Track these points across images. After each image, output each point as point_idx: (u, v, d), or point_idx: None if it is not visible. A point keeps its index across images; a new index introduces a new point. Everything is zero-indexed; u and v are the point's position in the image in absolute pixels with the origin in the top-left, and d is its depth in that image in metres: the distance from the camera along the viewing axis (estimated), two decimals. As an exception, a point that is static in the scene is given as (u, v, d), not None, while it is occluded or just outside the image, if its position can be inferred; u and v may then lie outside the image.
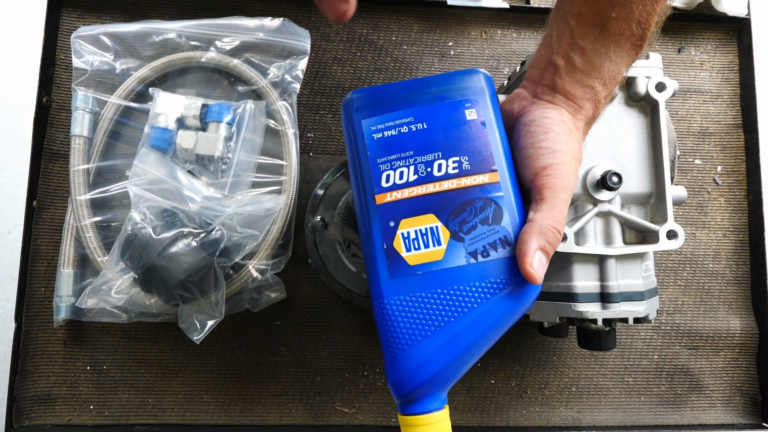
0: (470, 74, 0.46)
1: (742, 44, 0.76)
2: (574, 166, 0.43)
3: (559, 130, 0.43)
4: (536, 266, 0.40)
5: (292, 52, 0.70)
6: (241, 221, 0.61)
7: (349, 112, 0.46)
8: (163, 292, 0.58)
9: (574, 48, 0.44)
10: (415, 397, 0.42)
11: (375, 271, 0.42)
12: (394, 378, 0.41)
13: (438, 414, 0.42)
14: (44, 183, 0.69)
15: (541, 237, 0.40)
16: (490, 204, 0.42)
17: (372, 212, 0.43)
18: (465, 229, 0.42)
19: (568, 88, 0.44)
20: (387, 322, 0.42)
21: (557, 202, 0.41)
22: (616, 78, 0.44)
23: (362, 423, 0.68)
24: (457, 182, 0.43)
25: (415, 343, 0.41)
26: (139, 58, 0.69)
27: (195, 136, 0.65)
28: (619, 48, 0.43)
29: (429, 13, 0.75)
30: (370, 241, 0.43)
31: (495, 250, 0.41)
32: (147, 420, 0.67)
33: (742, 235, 0.73)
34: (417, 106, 0.45)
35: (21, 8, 1.07)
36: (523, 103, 0.46)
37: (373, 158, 0.44)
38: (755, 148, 0.74)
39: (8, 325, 0.99)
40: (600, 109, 0.46)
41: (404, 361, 0.41)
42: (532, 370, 0.69)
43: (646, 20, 0.42)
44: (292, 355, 0.68)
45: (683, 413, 0.70)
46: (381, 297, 0.42)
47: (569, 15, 0.44)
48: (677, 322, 0.71)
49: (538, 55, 0.47)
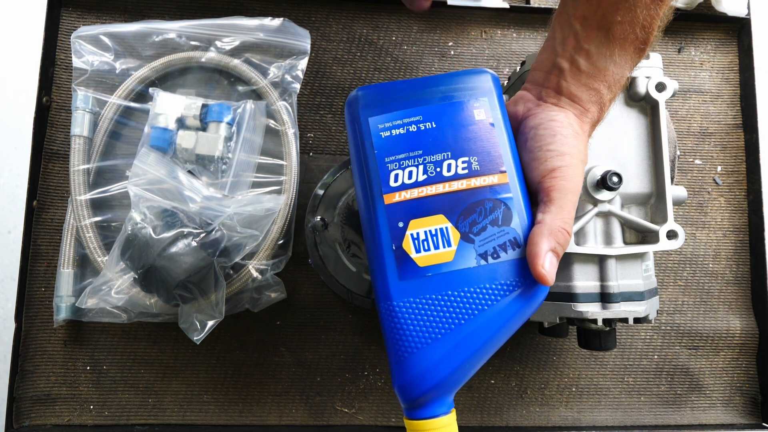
0: (478, 74, 0.45)
1: (742, 44, 0.76)
2: (581, 169, 0.43)
3: (567, 132, 0.43)
4: (548, 267, 0.40)
5: (292, 52, 0.70)
6: (241, 221, 0.61)
7: (354, 109, 0.45)
8: (163, 292, 0.58)
9: (579, 51, 0.44)
10: (422, 401, 0.41)
11: (383, 272, 0.42)
12: (401, 382, 0.41)
13: (446, 418, 0.41)
14: (44, 183, 0.69)
15: (551, 238, 0.40)
16: (499, 205, 0.42)
17: (380, 212, 0.42)
18: (475, 230, 0.41)
19: (574, 91, 0.44)
20: (395, 325, 0.41)
21: (565, 204, 0.41)
22: (620, 81, 0.45)
23: (362, 423, 0.68)
24: (467, 183, 0.42)
25: (425, 347, 0.40)
26: (139, 58, 0.69)
27: (195, 136, 0.65)
28: (624, 51, 0.43)
29: (429, 13, 0.75)
30: (377, 242, 0.42)
31: (505, 252, 0.41)
32: (147, 420, 0.67)
33: (742, 235, 0.73)
34: (425, 105, 0.44)
35: (21, 8, 1.07)
36: (527, 105, 0.46)
37: (381, 157, 0.43)
38: (755, 148, 0.74)
39: (8, 325, 0.99)
40: (605, 112, 0.46)
41: (413, 365, 0.40)
42: (532, 370, 0.69)
43: (650, 24, 0.42)
44: (292, 355, 0.68)
45: (683, 413, 0.70)
46: (389, 299, 0.41)
47: (573, 18, 0.44)
48: (677, 322, 0.71)
49: (541, 58, 0.47)
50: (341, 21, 0.74)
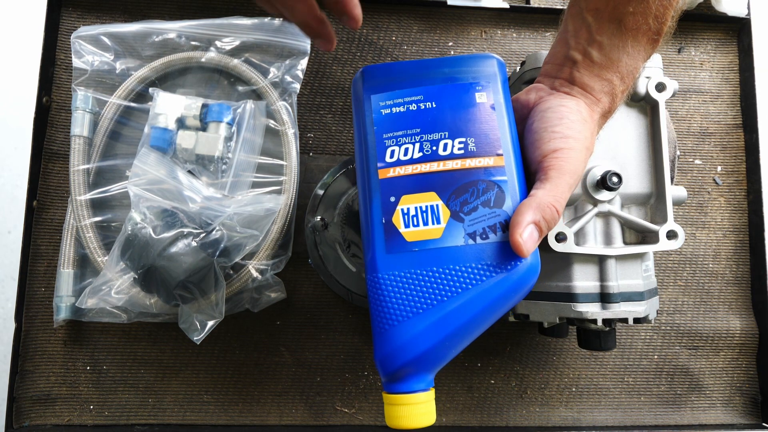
0: (483, 58, 0.46)
1: (742, 44, 0.76)
2: (584, 155, 0.43)
3: (574, 118, 0.43)
4: (526, 237, 0.39)
5: (292, 52, 0.70)
6: (241, 221, 0.61)
7: (358, 86, 0.46)
8: (163, 292, 0.58)
9: (592, 43, 0.44)
10: (401, 375, 0.41)
11: (371, 245, 0.42)
12: (381, 354, 0.41)
13: (423, 395, 0.41)
14: (44, 183, 0.69)
15: (537, 211, 0.40)
16: (492, 187, 0.42)
17: (373, 186, 0.43)
18: (466, 210, 0.42)
19: (587, 81, 0.45)
20: (379, 297, 0.41)
21: (561, 184, 0.41)
22: (633, 72, 0.45)
23: (362, 423, 0.68)
24: (461, 163, 0.42)
25: (406, 320, 0.41)
26: (139, 58, 0.69)
27: (195, 136, 0.65)
28: (636, 42, 0.44)
29: (429, 13, 0.75)
30: (368, 215, 0.43)
31: (494, 233, 0.41)
32: (147, 420, 0.67)
33: (742, 235, 0.73)
34: (427, 85, 0.45)
35: (21, 8, 1.07)
36: (540, 93, 0.46)
37: (379, 133, 0.44)
38: (755, 148, 0.74)
39: (8, 325, 0.99)
40: (617, 103, 0.46)
41: (394, 337, 0.41)
42: (532, 370, 0.69)
43: (663, 14, 0.43)
44: (292, 355, 0.68)
45: (683, 413, 0.70)
46: (375, 271, 0.42)
47: (585, 11, 0.44)
48: (677, 322, 0.71)
49: (554, 52, 0.47)
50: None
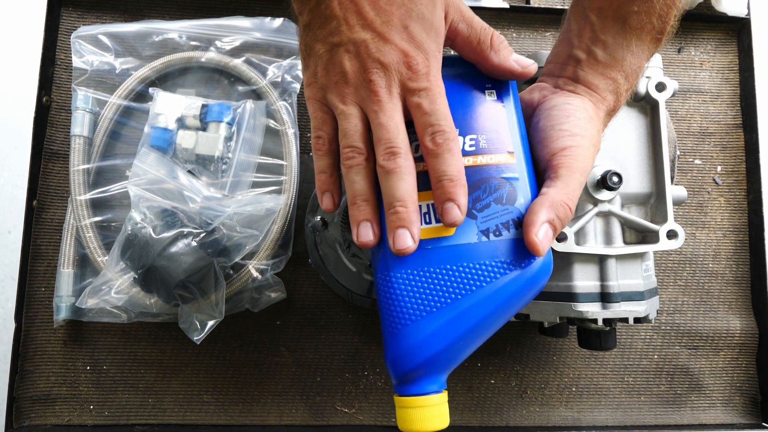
0: None
1: (742, 44, 0.76)
2: (592, 152, 0.43)
3: (581, 116, 0.43)
4: (541, 237, 0.39)
5: (292, 52, 0.70)
6: (241, 221, 0.61)
7: None
8: (163, 292, 0.58)
9: (596, 41, 0.44)
10: (413, 377, 0.40)
11: (382, 244, 0.41)
12: (393, 355, 0.40)
13: (436, 397, 0.40)
14: (44, 183, 0.69)
15: (551, 210, 0.40)
16: (504, 184, 0.42)
17: None
18: (478, 206, 0.41)
19: (591, 79, 0.45)
20: (391, 296, 0.40)
21: (572, 181, 0.41)
22: (637, 71, 0.45)
23: (362, 423, 0.68)
24: (473, 159, 0.42)
25: (419, 320, 0.40)
26: (139, 58, 0.69)
27: (195, 136, 0.65)
28: (640, 41, 0.44)
29: (429, 13, 0.75)
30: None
31: (507, 230, 0.41)
32: (147, 420, 0.67)
33: (742, 235, 0.73)
34: None
35: (21, 8, 1.07)
36: (544, 92, 0.46)
37: None
38: (755, 148, 0.73)
39: (8, 325, 0.99)
40: (621, 102, 0.46)
41: (406, 338, 0.40)
42: (532, 370, 0.69)
43: (666, 13, 0.43)
44: (292, 355, 0.68)
45: (683, 413, 0.70)
46: (387, 270, 0.41)
47: (589, 10, 0.44)
48: (677, 322, 0.71)
49: (557, 51, 0.47)
50: (341, 21, 0.74)
